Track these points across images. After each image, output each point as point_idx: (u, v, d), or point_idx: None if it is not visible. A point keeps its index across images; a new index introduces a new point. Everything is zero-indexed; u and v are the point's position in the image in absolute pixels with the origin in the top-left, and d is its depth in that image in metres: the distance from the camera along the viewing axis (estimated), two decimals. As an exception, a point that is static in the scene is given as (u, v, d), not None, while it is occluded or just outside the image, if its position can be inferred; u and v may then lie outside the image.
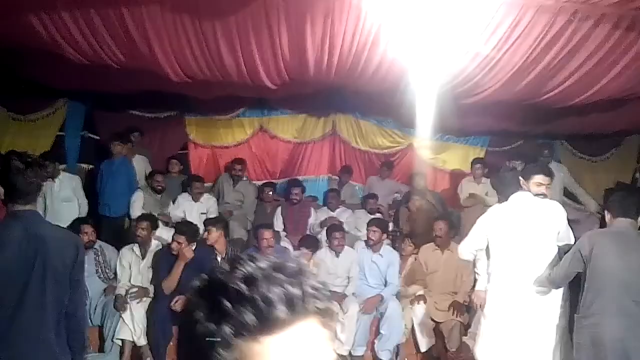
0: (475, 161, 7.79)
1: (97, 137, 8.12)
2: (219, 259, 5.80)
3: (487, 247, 4.31)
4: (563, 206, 4.26)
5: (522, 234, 4.09)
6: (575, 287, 4.00)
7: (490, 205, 7.19)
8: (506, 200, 4.30)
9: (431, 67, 5.02)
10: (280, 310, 0.81)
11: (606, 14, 4.22)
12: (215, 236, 5.79)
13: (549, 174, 4.26)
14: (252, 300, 0.81)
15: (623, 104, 6.20)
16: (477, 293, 4.64)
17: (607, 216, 3.97)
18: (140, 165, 7.45)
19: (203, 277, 0.89)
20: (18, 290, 2.67)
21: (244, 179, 7.86)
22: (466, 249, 4.49)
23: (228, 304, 0.81)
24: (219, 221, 6.10)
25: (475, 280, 4.86)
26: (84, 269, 3.08)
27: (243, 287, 0.82)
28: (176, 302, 5.29)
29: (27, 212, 2.79)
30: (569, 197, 8.50)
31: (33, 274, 2.69)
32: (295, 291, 0.84)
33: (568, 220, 4.29)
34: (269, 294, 0.82)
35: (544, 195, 4.19)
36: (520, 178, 4.25)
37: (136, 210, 6.69)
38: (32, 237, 2.73)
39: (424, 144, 8.53)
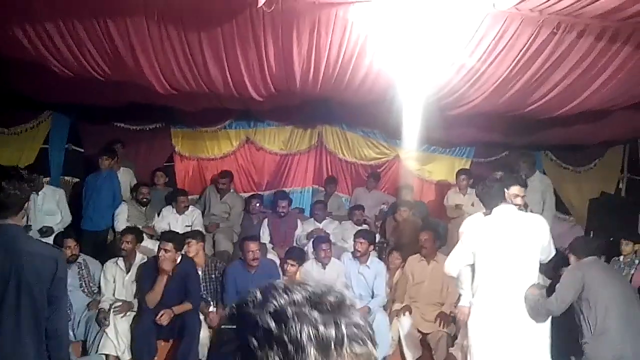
0: (460, 172, 7.82)
1: (82, 150, 8.06)
2: (199, 272, 5.76)
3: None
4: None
5: (506, 248, 4.07)
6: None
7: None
8: (490, 212, 4.28)
9: (417, 78, 5.04)
10: (311, 356, 0.74)
11: (589, 26, 4.25)
12: (195, 249, 5.77)
13: (524, 184, 4.36)
14: (281, 343, 0.74)
15: (607, 114, 6.26)
16: (461, 309, 4.55)
17: (572, 258, 4.36)
18: (125, 177, 7.41)
19: (234, 307, 0.83)
20: None
21: (231, 191, 7.83)
22: (453, 264, 4.42)
23: (255, 344, 0.75)
24: (198, 234, 6.07)
25: (459, 295, 4.82)
26: (65, 286, 3.02)
27: (272, 325, 0.75)
28: (161, 315, 5.24)
29: (6, 226, 2.73)
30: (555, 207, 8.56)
31: (8, 289, 2.64)
32: (330, 332, 0.76)
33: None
34: (300, 335, 0.75)
35: (522, 207, 4.26)
36: (505, 190, 4.24)
37: (121, 224, 6.64)
38: (8, 252, 2.68)
39: (410, 155, 8.57)
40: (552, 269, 5.24)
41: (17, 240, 2.77)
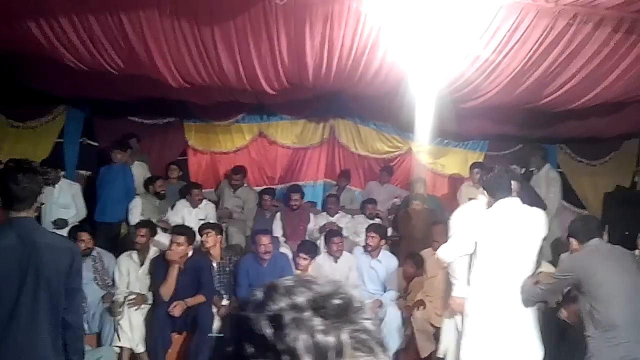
0: (474, 166, 7.77)
1: (96, 144, 8.11)
2: (214, 264, 5.78)
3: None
4: (563, 210, 4.30)
5: (508, 241, 4.03)
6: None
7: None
8: (493, 202, 4.20)
9: (430, 71, 5.01)
10: None
11: (606, 17, 4.20)
12: (213, 240, 5.78)
13: (516, 178, 4.39)
14: (275, 352, 0.70)
15: (623, 107, 6.19)
16: (456, 300, 4.45)
17: (573, 243, 4.11)
18: (139, 171, 7.44)
19: (236, 307, 0.79)
20: (11, 299, 2.64)
21: (244, 185, 7.84)
22: (451, 251, 4.31)
23: (251, 350, 0.71)
24: (217, 226, 6.10)
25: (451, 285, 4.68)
26: (81, 277, 3.04)
27: (268, 332, 0.71)
28: (174, 307, 5.26)
29: (21, 219, 2.75)
30: (568, 200, 8.50)
31: (26, 281, 2.66)
32: (330, 340, 0.71)
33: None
34: (295, 344, 0.70)
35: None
36: (513, 183, 4.18)
37: (135, 217, 6.68)
38: (26, 245, 2.69)
39: (423, 148, 8.54)
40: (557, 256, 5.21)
41: (33, 233, 2.79)
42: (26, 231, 2.75)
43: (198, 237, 5.79)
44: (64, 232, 6.00)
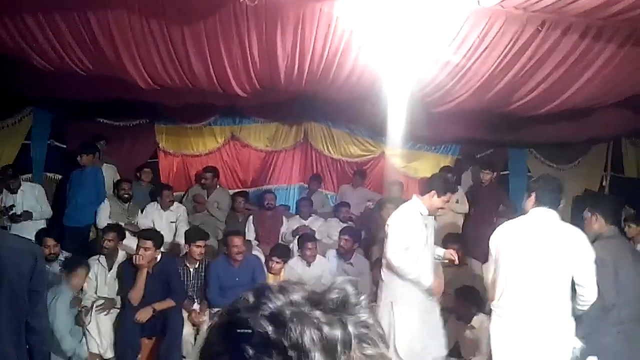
0: (444, 169, 7.83)
1: (64, 146, 7.96)
2: (191, 269, 5.72)
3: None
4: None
5: (540, 255, 3.62)
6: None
7: (460, 213, 7.36)
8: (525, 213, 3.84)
9: (401, 75, 5.03)
10: None
11: (574, 23, 4.26)
12: (202, 251, 5.70)
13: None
14: (281, 349, 0.67)
15: (591, 112, 6.28)
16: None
17: (593, 220, 3.97)
18: (108, 173, 7.33)
19: (223, 314, 0.74)
20: None
21: (217, 187, 7.76)
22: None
23: (251, 352, 0.67)
24: (206, 236, 6.00)
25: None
26: (45, 280, 2.98)
27: (270, 329, 0.68)
28: (140, 313, 5.19)
29: None
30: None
31: None
32: (336, 333, 0.68)
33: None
34: (301, 339, 0.67)
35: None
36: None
37: (103, 220, 6.58)
38: None
39: (395, 152, 8.57)
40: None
41: None
42: None
43: (167, 241, 5.71)
44: (30, 230, 5.88)
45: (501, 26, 4.28)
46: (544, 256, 3.60)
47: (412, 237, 4.44)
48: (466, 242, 6.48)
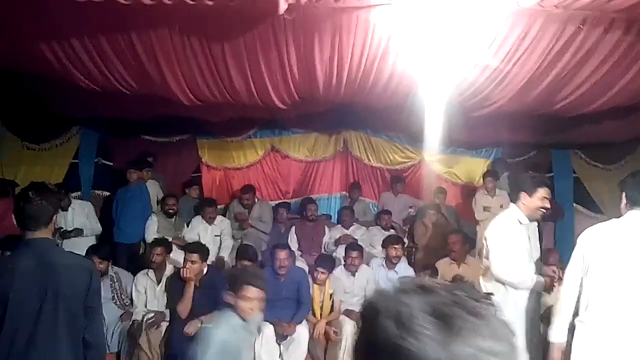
0: (487, 174, 7.74)
1: (111, 164, 8.17)
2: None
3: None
4: (578, 214, 3.96)
5: (634, 261, 3.15)
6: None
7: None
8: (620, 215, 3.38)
9: (440, 80, 5.01)
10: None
11: (616, 20, 4.17)
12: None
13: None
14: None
15: (636, 110, 6.14)
16: (555, 347, 3.43)
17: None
18: (153, 189, 7.48)
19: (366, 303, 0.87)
20: (30, 320, 2.64)
21: (257, 201, 7.81)
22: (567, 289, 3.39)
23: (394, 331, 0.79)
24: (255, 257, 6.05)
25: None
26: (100, 297, 3.05)
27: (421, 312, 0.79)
28: (188, 327, 5.25)
29: (38, 239, 2.76)
30: (584, 205, 8.44)
31: (45, 302, 2.66)
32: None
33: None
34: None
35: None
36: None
37: (151, 235, 6.71)
38: (44, 265, 2.70)
39: (435, 158, 8.52)
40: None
41: (50, 253, 2.80)
42: (43, 252, 2.75)
43: (211, 254, 5.78)
44: (81, 247, 6.04)
45: (541, 26, 4.22)
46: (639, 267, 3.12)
47: (515, 249, 3.97)
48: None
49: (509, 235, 3.98)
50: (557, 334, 3.41)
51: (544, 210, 4.00)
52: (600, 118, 6.24)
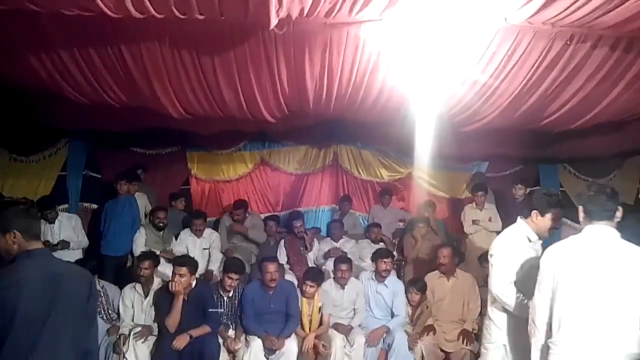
0: (477, 187, 7.77)
1: (99, 176, 8.12)
2: (224, 297, 5.74)
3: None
4: (566, 228, 3.82)
5: (602, 280, 3.06)
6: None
7: (493, 232, 7.25)
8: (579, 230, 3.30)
9: (429, 95, 5.04)
10: None
11: (603, 37, 4.23)
12: (234, 284, 5.73)
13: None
14: None
15: (624, 125, 6.20)
16: None
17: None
18: (141, 202, 7.44)
19: None
20: (37, 329, 2.70)
21: (248, 215, 7.75)
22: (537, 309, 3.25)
23: None
24: (242, 269, 6.00)
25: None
26: (96, 305, 3.13)
27: None
28: (177, 341, 5.21)
29: (39, 250, 2.88)
30: (571, 219, 8.47)
31: (50, 312, 2.73)
32: None
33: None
34: None
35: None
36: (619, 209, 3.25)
37: (139, 248, 6.67)
38: (48, 275, 2.79)
39: (423, 172, 8.55)
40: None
41: (53, 263, 2.94)
42: (45, 262, 2.87)
43: (200, 267, 5.75)
44: (68, 259, 5.99)
45: (529, 43, 4.26)
46: (607, 283, 3.04)
47: (518, 268, 3.73)
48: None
49: (513, 251, 3.75)
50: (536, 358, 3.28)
51: (554, 230, 3.85)
52: (588, 133, 6.29)
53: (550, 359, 3.14)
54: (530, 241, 3.79)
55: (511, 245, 3.78)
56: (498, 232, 7.23)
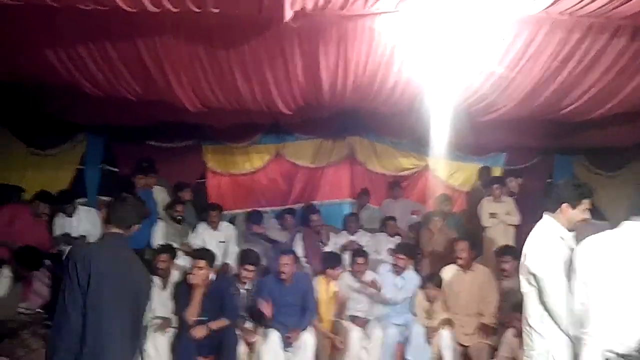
0: (494, 180, 7.72)
1: (116, 170, 8.18)
2: (242, 290, 5.77)
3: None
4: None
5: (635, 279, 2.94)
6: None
7: (511, 225, 7.20)
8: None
9: (445, 86, 5.01)
10: None
11: (621, 27, 4.17)
12: (251, 276, 5.77)
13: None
14: None
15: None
16: None
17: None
18: (160, 195, 7.48)
19: None
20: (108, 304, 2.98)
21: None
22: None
23: None
24: (258, 260, 6.04)
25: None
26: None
27: None
28: (196, 329, 5.25)
29: (112, 234, 3.22)
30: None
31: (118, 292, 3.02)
32: None
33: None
34: None
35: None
36: None
37: (158, 241, 6.70)
38: (124, 258, 3.16)
39: (439, 164, 8.50)
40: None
41: (126, 249, 3.30)
42: (113, 246, 3.21)
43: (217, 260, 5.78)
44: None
45: (546, 33, 4.23)
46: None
47: (564, 271, 3.40)
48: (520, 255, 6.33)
49: (557, 259, 3.41)
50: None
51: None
52: (606, 123, 6.22)
53: (584, 351, 3.06)
54: (563, 239, 3.50)
55: (552, 253, 3.45)
56: (516, 226, 7.29)
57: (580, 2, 3.65)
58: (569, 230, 3.53)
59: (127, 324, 3.04)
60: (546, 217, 3.57)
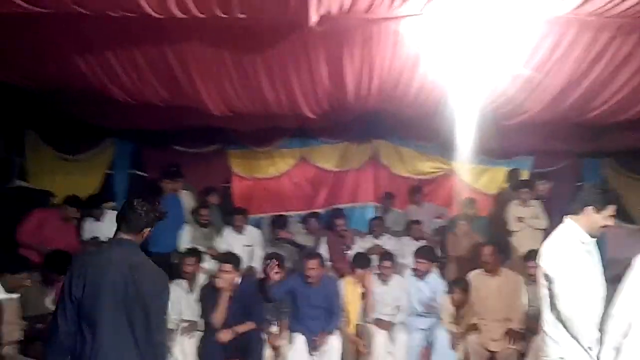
0: (521, 184, 7.62)
1: (145, 174, 8.26)
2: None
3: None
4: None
5: None
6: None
7: (539, 229, 7.09)
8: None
9: (471, 89, 4.97)
10: None
11: (652, 27, 4.11)
12: (278, 277, 5.78)
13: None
14: None
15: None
16: None
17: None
18: (186, 200, 7.54)
19: None
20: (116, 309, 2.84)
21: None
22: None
23: None
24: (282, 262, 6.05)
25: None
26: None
27: None
28: (222, 333, 5.28)
29: (121, 240, 3.04)
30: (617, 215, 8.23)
31: (125, 299, 2.85)
32: None
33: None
34: None
35: None
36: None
37: (184, 245, 6.77)
38: (122, 265, 2.93)
39: (465, 167, 8.42)
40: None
41: (133, 255, 3.04)
42: (124, 251, 3.03)
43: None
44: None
45: (574, 34, 4.18)
46: None
47: (579, 275, 3.32)
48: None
49: (575, 260, 3.33)
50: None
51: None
52: (636, 125, 6.10)
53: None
54: (583, 243, 3.39)
55: (569, 255, 3.35)
56: (544, 230, 7.18)
57: (609, 2, 3.60)
58: (591, 237, 3.41)
59: (128, 339, 2.82)
60: (568, 221, 3.46)
